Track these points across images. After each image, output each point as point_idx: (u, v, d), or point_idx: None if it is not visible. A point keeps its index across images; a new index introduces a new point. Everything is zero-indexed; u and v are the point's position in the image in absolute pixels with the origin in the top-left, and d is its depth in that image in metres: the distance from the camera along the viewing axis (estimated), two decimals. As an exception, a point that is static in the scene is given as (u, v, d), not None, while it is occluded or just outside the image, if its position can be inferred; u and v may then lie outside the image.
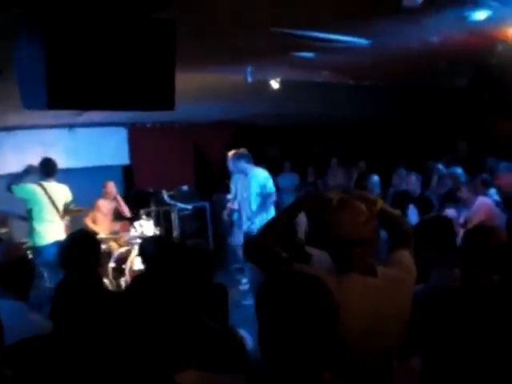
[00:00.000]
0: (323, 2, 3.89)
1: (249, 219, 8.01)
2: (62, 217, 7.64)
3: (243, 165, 8.04)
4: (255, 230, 7.69)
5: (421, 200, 8.02)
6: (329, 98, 9.05)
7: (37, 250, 7.17)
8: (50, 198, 7.41)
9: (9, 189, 7.28)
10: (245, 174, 8.11)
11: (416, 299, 2.66)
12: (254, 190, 8.01)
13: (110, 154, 11.04)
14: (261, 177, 8.05)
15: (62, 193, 7.63)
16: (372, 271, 2.48)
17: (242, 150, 8.17)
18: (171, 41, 3.64)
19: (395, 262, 2.65)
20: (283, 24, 4.45)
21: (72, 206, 7.86)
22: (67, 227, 7.76)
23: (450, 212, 6.26)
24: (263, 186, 8.00)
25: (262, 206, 7.97)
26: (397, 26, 4.74)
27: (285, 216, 2.86)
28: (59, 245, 3.76)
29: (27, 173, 7.39)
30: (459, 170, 8.29)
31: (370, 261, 2.51)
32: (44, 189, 7.39)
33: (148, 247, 4.66)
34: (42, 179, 7.42)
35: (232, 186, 8.55)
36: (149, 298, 2.12)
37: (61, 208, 7.57)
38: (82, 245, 3.61)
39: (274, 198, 8.14)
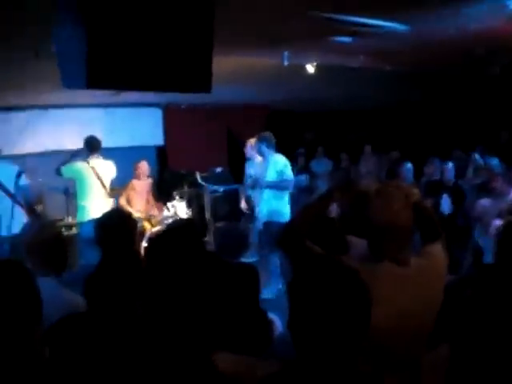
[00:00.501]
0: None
1: (259, 205, 7.94)
2: (110, 194, 7.79)
3: (264, 148, 7.86)
4: (264, 218, 7.75)
5: (454, 189, 7.96)
6: (364, 84, 9.00)
7: (80, 226, 7.32)
8: (97, 174, 7.56)
9: (58, 172, 7.44)
10: (264, 158, 7.94)
11: (447, 288, 2.66)
12: (270, 176, 7.80)
13: (144, 134, 11.14)
14: (280, 163, 7.82)
15: (108, 169, 7.79)
16: (405, 261, 2.48)
17: (266, 133, 8.01)
18: (210, 22, 3.65)
19: (427, 253, 2.64)
20: (321, 8, 4.42)
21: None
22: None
23: (485, 202, 6.20)
24: (280, 173, 7.76)
25: (277, 194, 7.79)
26: (436, 13, 4.68)
27: (317, 206, 2.84)
28: (95, 222, 3.79)
29: (75, 156, 7.54)
30: (495, 161, 8.20)
31: (404, 250, 2.50)
32: (92, 166, 7.54)
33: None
34: (89, 156, 7.56)
35: (251, 170, 8.48)
36: (186, 278, 2.15)
37: (108, 185, 7.72)
38: (117, 223, 3.64)
39: (291, 186, 7.93)
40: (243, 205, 9.00)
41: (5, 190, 6.45)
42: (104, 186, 7.68)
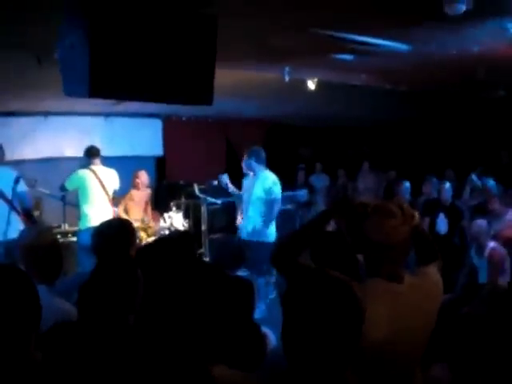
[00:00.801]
0: (364, 6, 3.90)
1: (244, 224, 7.61)
2: (112, 201, 7.80)
3: (253, 164, 7.51)
4: (246, 236, 7.39)
5: (451, 209, 7.98)
6: (364, 101, 9.04)
7: (79, 233, 7.31)
8: (99, 180, 7.58)
9: (63, 189, 7.51)
10: (254, 173, 7.57)
11: (442, 307, 2.66)
12: (257, 192, 7.44)
13: (144, 144, 11.16)
14: (269, 180, 7.44)
15: (110, 176, 7.83)
16: (398, 278, 2.49)
17: (256, 148, 7.68)
18: (213, 36, 3.68)
19: (422, 274, 2.64)
20: (323, 26, 4.46)
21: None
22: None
23: (481, 223, 6.22)
24: (268, 191, 7.37)
25: (265, 213, 7.42)
26: (437, 34, 4.72)
27: (313, 226, 2.83)
28: (94, 230, 3.78)
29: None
30: (491, 182, 8.22)
31: (398, 267, 2.51)
32: (94, 172, 7.57)
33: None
34: (90, 163, 7.60)
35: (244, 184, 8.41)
36: (181, 288, 2.15)
37: (110, 192, 7.74)
38: (115, 231, 3.59)
39: (278, 205, 7.56)
40: (239, 219, 9.01)
41: (2, 196, 6.45)
42: (106, 193, 7.70)
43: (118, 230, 3.63)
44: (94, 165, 7.66)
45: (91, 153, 7.73)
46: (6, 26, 4.17)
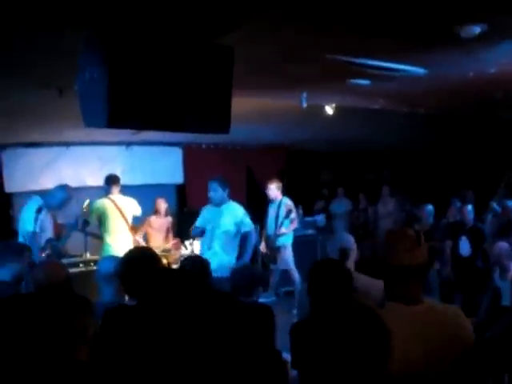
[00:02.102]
0: (380, 31, 3.93)
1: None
2: (132, 230, 7.85)
3: (220, 192, 6.97)
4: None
5: (473, 231, 7.92)
6: (382, 125, 9.04)
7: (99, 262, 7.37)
8: (119, 208, 7.64)
9: (87, 224, 7.62)
10: (218, 204, 7.01)
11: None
12: (225, 225, 6.89)
13: (164, 172, 11.24)
14: (238, 211, 6.99)
15: (130, 205, 7.92)
16: (416, 301, 2.48)
17: (219, 177, 7.26)
18: (229, 66, 3.73)
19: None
20: (339, 52, 4.50)
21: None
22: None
23: (503, 245, 6.15)
24: (239, 224, 6.91)
25: (227, 246, 6.85)
26: (453, 57, 4.73)
27: None
28: (120, 259, 3.75)
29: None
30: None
31: (416, 290, 2.50)
32: (113, 201, 7.63)
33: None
34: (109, 192, 7.72)
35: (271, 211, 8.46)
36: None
37: (130, 220, 7.79)
38: (141, 261, 3.52)
39: (253, 237, 7.08)
40: (263, 246, 9.04)
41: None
42: (126, 221, 7.76)
43: (143, 260, 3.59)
44: (113, 194, 7.74)
45: (111, 180, 7.81)
46: (29, 59, 4.27)
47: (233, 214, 6.96)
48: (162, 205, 9.17)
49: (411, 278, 2.47)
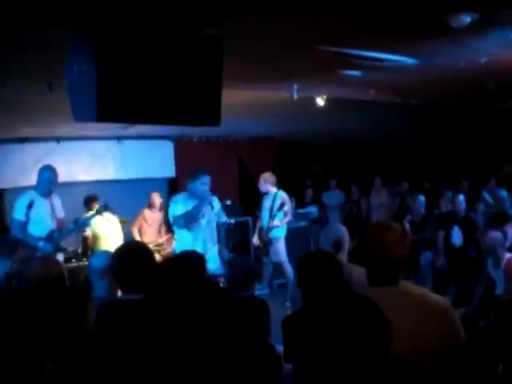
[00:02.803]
0: (371, 21, 3.91)
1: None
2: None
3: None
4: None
5: (465, 221, 7.94)
6: (374, 116, 9.04)
7: (91, 257, 7.45)
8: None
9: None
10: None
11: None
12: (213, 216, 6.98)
13: (156, 166, 11.22)
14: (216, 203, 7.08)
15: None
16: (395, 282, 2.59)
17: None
18: (219, 58, 3.70)
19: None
20: (330, 43, 4.48)
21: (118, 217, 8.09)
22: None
23: (495, 234, 6.15)
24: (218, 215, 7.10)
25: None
26: (444, 46, 4.72)
27: None
28: (113, 254, 3.73)
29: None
30: (504, 193, 8.19)
31: (398, 276, 2.61)
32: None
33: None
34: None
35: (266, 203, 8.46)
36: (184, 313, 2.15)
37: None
38: (134, 255, 3.50)
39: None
40: (256, 238, 9.04)
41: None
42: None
43: (136, 254, 3.53)
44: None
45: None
46: (18, 54, 4.24)
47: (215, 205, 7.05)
48: (157, 199, 9.16)
49: (399, 267, 2.60)
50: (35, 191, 6.64)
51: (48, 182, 6.64)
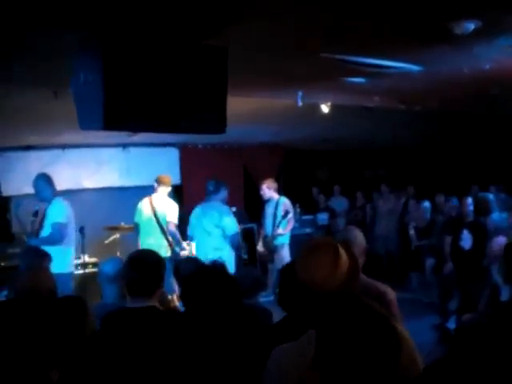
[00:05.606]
0: (375, 29, 3.92)
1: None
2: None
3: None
4: None
5: (475, 225, 7.89)
6: (379, 123, 9.03)
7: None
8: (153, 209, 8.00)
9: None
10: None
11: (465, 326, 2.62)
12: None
13: (161, 173, 11.19)
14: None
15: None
16: None
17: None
18: (224, 67, 3.72)
19: None
20: (334, 50, 4.49)
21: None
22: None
23: (501, 241, 6.14)
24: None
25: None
26: (448, 53, 4.73)
27: None
28: (124, 262, 3.69)
29: None
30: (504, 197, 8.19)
31: None
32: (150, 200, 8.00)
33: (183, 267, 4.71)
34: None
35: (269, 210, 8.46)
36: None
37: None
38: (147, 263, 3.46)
39: None
40: (260, 245, 9.03)
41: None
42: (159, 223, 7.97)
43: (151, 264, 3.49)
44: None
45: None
46: (23, 62, 4.26)
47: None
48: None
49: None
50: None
51: (44, 186, 6.92)
